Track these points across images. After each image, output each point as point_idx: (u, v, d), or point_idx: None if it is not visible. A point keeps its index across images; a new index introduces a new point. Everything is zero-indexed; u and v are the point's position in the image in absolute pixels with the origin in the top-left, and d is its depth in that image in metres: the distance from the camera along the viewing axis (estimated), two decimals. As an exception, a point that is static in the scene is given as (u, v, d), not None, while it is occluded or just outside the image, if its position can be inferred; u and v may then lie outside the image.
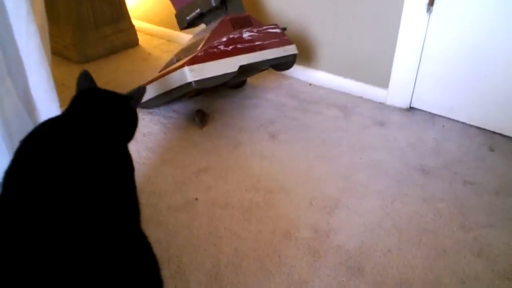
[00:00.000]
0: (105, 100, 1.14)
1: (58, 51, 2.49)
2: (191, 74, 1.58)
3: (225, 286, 1.17)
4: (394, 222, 1.39)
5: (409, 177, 1.60)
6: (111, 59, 2.54)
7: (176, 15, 2.04)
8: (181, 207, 1.43)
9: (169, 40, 2.81)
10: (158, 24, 2.88)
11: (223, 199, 1.47)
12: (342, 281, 1.19)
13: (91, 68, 2.38)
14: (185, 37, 2.45)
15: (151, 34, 2.90)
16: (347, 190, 1.53)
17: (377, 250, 1.29)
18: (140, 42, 2.78)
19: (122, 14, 2.62)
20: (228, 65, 1.66)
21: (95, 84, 1.22)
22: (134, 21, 2.76)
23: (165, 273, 1.18)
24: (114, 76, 2.33)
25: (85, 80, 1.20)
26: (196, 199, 1.47)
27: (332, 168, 1.64)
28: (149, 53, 2.65)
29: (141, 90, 1.20)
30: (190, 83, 1.60)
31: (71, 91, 2.19)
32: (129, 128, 1.17)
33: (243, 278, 1.19)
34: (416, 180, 1.59)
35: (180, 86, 1.65)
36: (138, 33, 2.77)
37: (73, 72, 2.33)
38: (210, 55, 1.64)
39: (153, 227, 1.34)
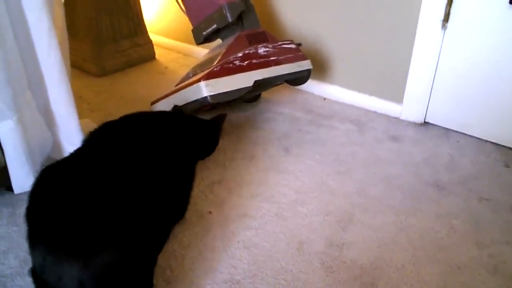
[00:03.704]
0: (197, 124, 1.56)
1: (77, 64, 2.54)
2: (206, 88, 1.61)
3: (238, 300, 1.18)
4: (408, 238, 1.39)
5: (424, 192, 1.60)
6: (128, 72, 2.59)
7: (192, 30, 2.07)
8: (195, 220, 1.44)
9: (185, 55, 2.86)
10: (175, 38, 2.92)
11: (237, 212, 1.48)
12: (356, 296, 1.19)
13: (109, 81, 2.46)
14: (202, 51, 2.49)
15: (168, 49, 2.95)
16: (361, 205, 1.53)
17: (391, 266, 1.28)
18: (157, 56, 2.83)
19: (139, 28, 2.68)
20: (244, 80, 1.68)
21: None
22: (152, 36, 2.81)
23: (179, 285, 1.20)
24: (131, 89, 2.37)
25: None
26: (210, 212, 1.48)
27: (346, 182, 1.64)
28: (166, 67, 2.69)
29: (222, 117, 1.64)
30: (205, 97, 1.62)
31: (89, 104, 2.25)
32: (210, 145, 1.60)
33: (256, 291, 1.20)
34: (430, 195, 1.58)
35: (196, 100, 1.68)
36: (155, 47, 2.82)
37: (91, 85, 2.41)
38: (225, 70, 1.66)
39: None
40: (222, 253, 1.32)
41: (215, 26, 1.93)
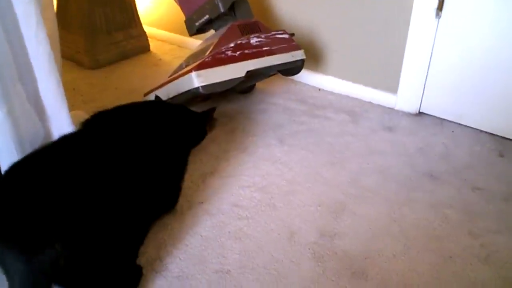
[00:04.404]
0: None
1: (71, 57, 2.53)
2: (198, 79, 1.60)
3: (228, 290, 1.17)
4: (401, 228, 1.38)
5: (418, 183, 1.59)
6: (122, 65, 2.57)
7: (185, 21, 2.06)
8: (186, 210, 1.44)
9: (180, 46, 2.84)
10: (169, 30, 2.91)
11: (229, 202, 1.48)
12: (346, 286, 1.18)
13: (103, 74, 2.45)
14: (196, 43, 2.46)
15: (163, 40, 2.94)
16: (354, 195, 1.52)
17: (382, 256, 1.28)
18: (152, 48, 2.81)
19: (133, 20, 2.66)
20: (236, 70, 1.66)
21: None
22: (146, 28, 2.79)
23: (169, 274, 1.20)
24: (125, 81, 2.36)
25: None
26: (202, 203, 1.47)
27: (339, 173, 1.63)
28: (160, 59, 2.68)
29: (212, 109, 1.62)
30: (197, 88, 1.61)
31: (83, 96, 2.23)
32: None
33: (247, 282, 1.19)
34: (424, 186, 1.57)
35: (188, 91, 1.66)
36: (150, 39, 2.81)
37: (85, 78, 2.40)
38: (217, 60, 1.65)
39: (157, 229, 1.34)
40: (213, 243, 1.31)
41: (207, 16, 1.91)
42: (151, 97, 1.91)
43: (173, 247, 1.30)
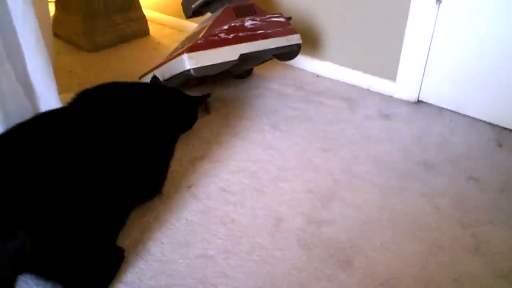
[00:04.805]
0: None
1: (69, 39, 2.51)
2: (189, 61, 1.57)
3: (213, 274, 1.15)
4: (389, 217, 1.35)
5: (411, 171, 1.56)
6: (120, 48, 2.55)
7: (182, 4, 2.03)
8: (173, 194, 1.42)
9: (180, 30, 2.80)
10: (170, 14, 2.87)
11: (217, 187, 1.46)
12: (330, 274, 1.16)
13: (101, 57, 2.43)
14: (196, 26, 2.44)
15: (162, 24, 2.91)
16: (344, 183, 1.49)
17: (369, 244, 1.25)
18: (151, 32, 2.78)
19: (133, 3, 2.63)
20: (228, 53, 1.63)
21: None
22: (147, 11, 2.77)
23: (150, 258, 1.18)
24: (123, 64, 2.34)
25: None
26: (190, 187, 1.46)
27: (331, 159, 1.61)
28: (159, 43, 2.65)
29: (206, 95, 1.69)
30: (188, 70, 1.58)
31: (79, 78, 2.22)
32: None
33: (230, 268, 1.17)
34: (417, 174, 1.54)
35: (180, 73, 1.64)
36: (150, 23, 2.78)
37: (82, 60, 2.38)
38: (210, 43, 1.62)
39: (142, 212, 1.33)
40: (198, 228, 1.30)
41: (203, -2, 1.88)
42: (146, 79, 1.89)
43: (158, 231, 1.28)
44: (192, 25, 2.58)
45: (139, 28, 2.69)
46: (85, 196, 0.98)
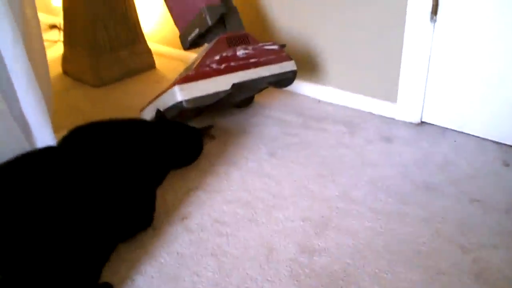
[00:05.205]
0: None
1: (77, 76, 2.57)
2: (180, 93, 1.58)
3: (196, 310, 1.12)
4: (386, 243, 1.30)
5: (411, 195, 1.51)
6: (125, 82, 2.59)
7: (180, 37, 2.06)
8: (165, 227, 1.40)
9: (187, 63, 2.83)
10: (175, 47, 2.91)
11: (211, 218, 1.44)
12: (320, 306, 1.12)
13: (105, 91, 2.47)
14: (197, 58, 2.47)
15: (169, 58, 2.94)
16: (340, 209, 1.45)
17: (363, 273, 1.21)
18: (158, 65, 2.82)
19: (137, 37, 2.67)
20: (220, 83, 1.64)
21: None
22: (153, 45, 2.81)
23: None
24: (126, 99, 2.37)
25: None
26: (183, 219, 1.44)
27: (328, 186, 1.57)
28: (163, 76, 2.68)
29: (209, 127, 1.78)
30: (180, 102, 1.59)
31: (85, 115, 2.25)
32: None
33: (216, 301, 1.14)
34: (418, 198, 1.49)
35: (173, 105, 1.64)
36: (157, 56, 2.82)
37: (89, 96, 2.42)
38: (201, 74, 1.63)
39: (133, 246, 1.32)
40: (188, 261, 1.27)
41: (197, 30, 1.90)
42: (146, 112, 1.89)
43: (149, 265, 1.26)
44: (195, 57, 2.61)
45: (144, 62, 2.73)
46: (62, 233, 0.98)
